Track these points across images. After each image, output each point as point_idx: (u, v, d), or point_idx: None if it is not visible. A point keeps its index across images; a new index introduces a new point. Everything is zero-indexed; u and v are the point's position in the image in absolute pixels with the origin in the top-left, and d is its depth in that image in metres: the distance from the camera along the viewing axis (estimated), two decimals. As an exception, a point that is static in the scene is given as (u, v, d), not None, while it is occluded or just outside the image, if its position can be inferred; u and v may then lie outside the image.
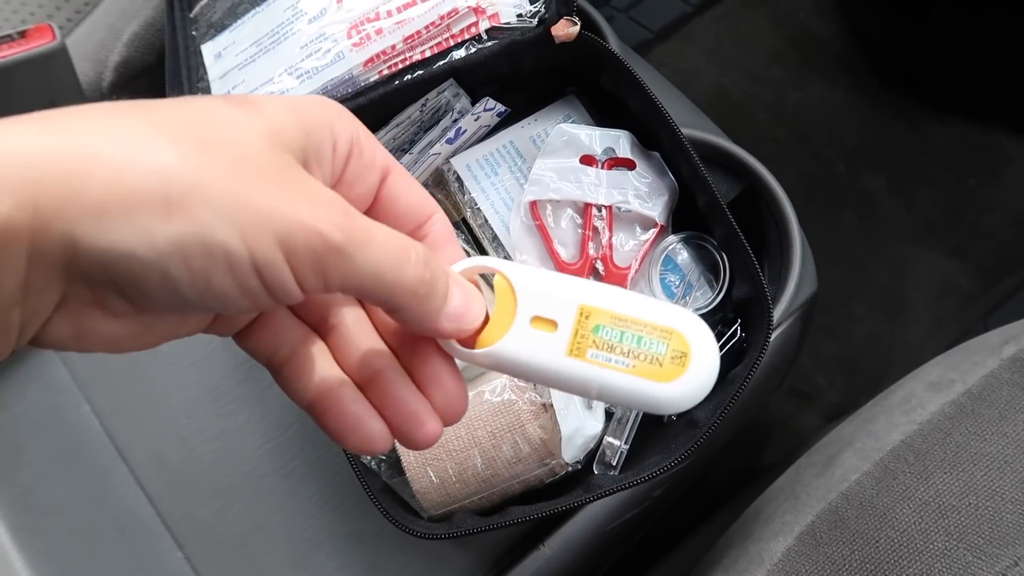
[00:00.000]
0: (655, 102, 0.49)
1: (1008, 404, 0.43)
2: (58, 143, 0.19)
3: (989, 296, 1.02)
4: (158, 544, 0.56)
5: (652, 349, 0.26)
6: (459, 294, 0.25)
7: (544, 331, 0.26)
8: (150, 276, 0.20)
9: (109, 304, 0.21)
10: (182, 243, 0.20)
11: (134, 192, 0.19)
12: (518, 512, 0.46)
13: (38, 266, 0.20)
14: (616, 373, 0.26)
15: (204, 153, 0.20)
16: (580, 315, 0.26)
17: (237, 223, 0.20)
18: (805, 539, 0.43)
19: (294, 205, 0.21)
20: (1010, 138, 1.07)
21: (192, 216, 0.20)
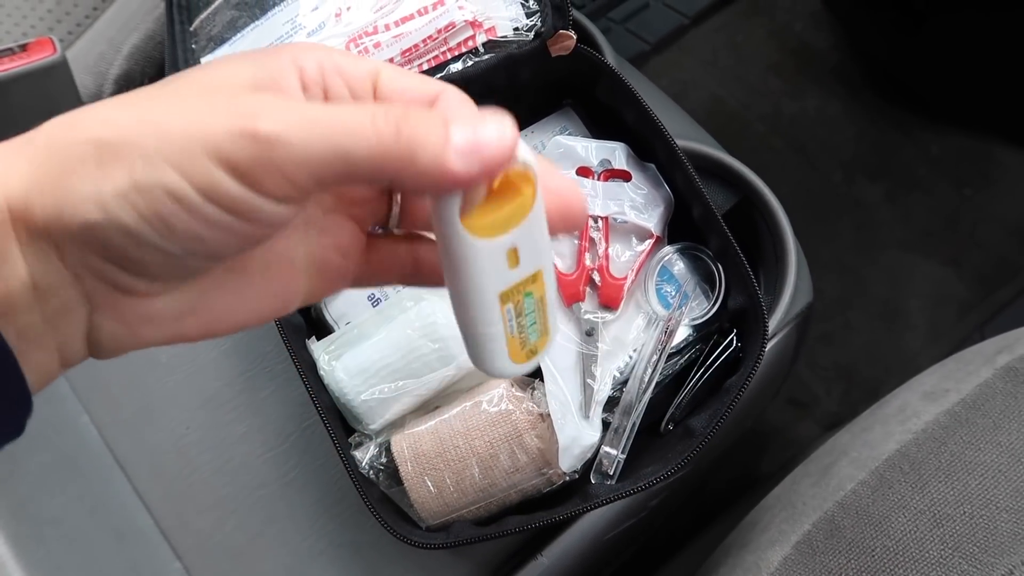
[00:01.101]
0: (650, 114, 0.50)
1: (1002, 413, 0.44)
2: (25, 142, 0.20)
3: (985, 305, 1.03)
4: (156, 554, 0.56)
5: (530, 335, 0.27)
6: (462, 129, 0.21)
7: (510, 262, 0.25)
8: (117, 237, 0.20)
9: (128, 285, 0.22)
10: (123, 193, 0.19)
11: (71, 157, 0.20)
12: (516, 522, 0.46)
13: (34, 261, 0.20)
14: (500, 334, 0.26)
15: (136, 108, 0.21)
16: (534, 275, 0.26)
17: (164, 155, 0.19)
18: (802, 548, 0.43)
19: (215, 115, 0.20)
20: (1005, 148, 1.08)
21: (123, 164, 0.20)
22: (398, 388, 0.50)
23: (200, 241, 0.21)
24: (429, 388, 0.50)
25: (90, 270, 0.21)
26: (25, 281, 0.20)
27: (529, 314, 0.27)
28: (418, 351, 0.49)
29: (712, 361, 0.51)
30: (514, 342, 0.27)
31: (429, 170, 0.20)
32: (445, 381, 0.50)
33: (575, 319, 0.51)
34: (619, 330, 0.51)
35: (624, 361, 0.51)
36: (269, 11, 0.57)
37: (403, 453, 0.48)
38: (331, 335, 0.53)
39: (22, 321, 0.21)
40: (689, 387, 0.51)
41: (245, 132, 0.19)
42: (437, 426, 0.48)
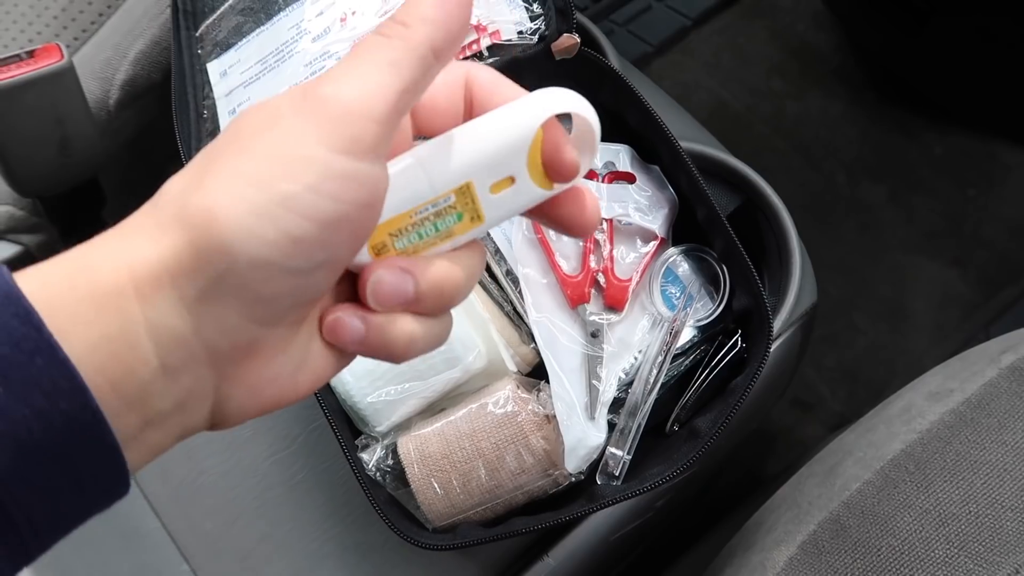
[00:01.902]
0: (654, 117, 0.50)
1: (1007, 413, 0.44)
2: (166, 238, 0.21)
3: (990, 305, 1.03)
4: (164, 556, 0.57)
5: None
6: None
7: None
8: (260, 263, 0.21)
9: (259, 344, 0.23)
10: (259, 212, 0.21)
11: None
12: (522, 523, 0.46)
13: (166, 342, 0.21)
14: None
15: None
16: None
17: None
18: (807, 548, 0.43)
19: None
20: (1008, 148, 1.08)
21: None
22: (404, 390, 0.50)
23: (325, 249, 0.22)
24: (435, 390, 0.50)
25: (225, 333, 0.22)
26: (155, 366, 0.21)
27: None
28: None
29: (717, 362, 0.51)
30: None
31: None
32: (451, 383, 0.50)
33: (580, 321, 0.51)
34: (624, 331, 0.51)
35: (629, 362, 0.51)
36: (274, 16, 0.58)
37: (410, 455, 0.48)
38: (337, 338, 0.53)
39: (151, 409, 0.21)
40: (694, 388, 0.51)
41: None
42: (443, 428, 0.49)
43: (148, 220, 0.22)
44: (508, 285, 0.53)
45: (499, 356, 0.51)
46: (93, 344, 0.20)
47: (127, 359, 0.20)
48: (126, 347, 0.20)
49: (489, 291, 0.52)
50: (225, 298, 0.21)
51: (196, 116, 0.58)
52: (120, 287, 0.21)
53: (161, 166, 0.73)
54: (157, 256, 0.21)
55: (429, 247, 0.25)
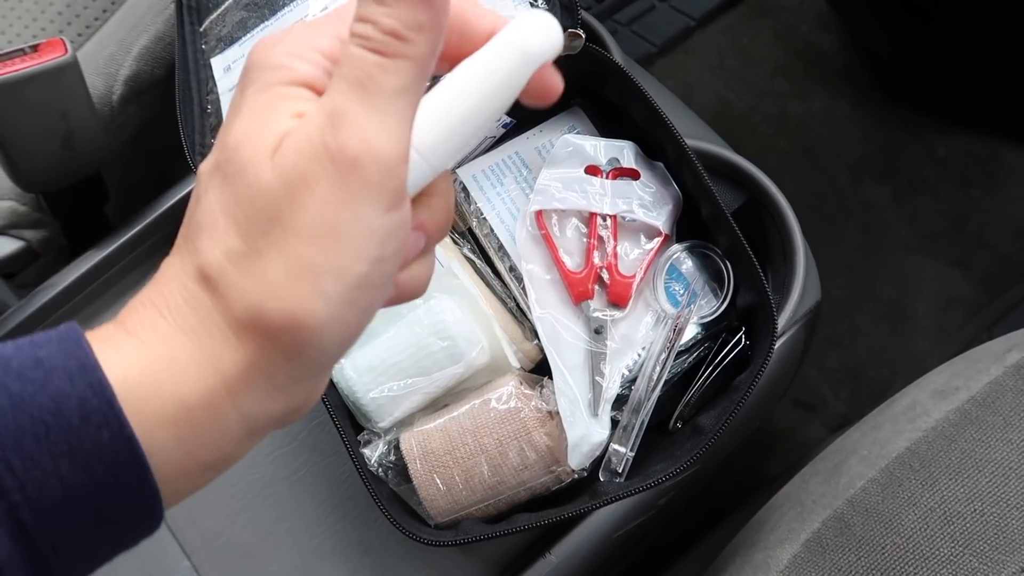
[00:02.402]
0: (659, 113, 0.50)
1: (1013, 411, 0.44)
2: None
3: (993, 307, 1.02)
4: (165, 553, 0.56)
5: None
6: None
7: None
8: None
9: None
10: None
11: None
12: (525, 519, 0.46)
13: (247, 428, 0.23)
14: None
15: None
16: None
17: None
18: (811, 546, 0.43)
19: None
20: (1012, 149, 1.08)
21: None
22: (407, 386, 0.50)
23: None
24: (438, 386, 0.50)
25: (309, 396, 0.24)
26: (238, 438, 0.23)
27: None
28: (427, 349, 0.50)
29: (721, 359, 0.51)
30: None
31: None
32: (454, 379, 0.50)
33: (584, 317, 0.51)
34: (628, 328, 0.51)
35: (633, 359, 0.51)
36: (279, 11, 0.57)
37: (412, 451, 0.48)
38: (340, 333, 0.53)
39: (224, 464, 0.24)
40: (698, 385, 0.51)
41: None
42: (446, 424, 0.48)
43: (219, 320, 0.22)
44: (511, 281, 0.53)
45: (502, 352, 0.50)
46: (181, 441, 0.22)
47: (215, 441, 0.22)
48: (217, 435, 0.22)
49: (492, 287, 0.52)
50: (311, 375, 0.23)
51: (200, 111, 0.58)
52: (211, 390, 0.21)
53: (165, 162, 0.73)
54: (246, 362, 0.21)
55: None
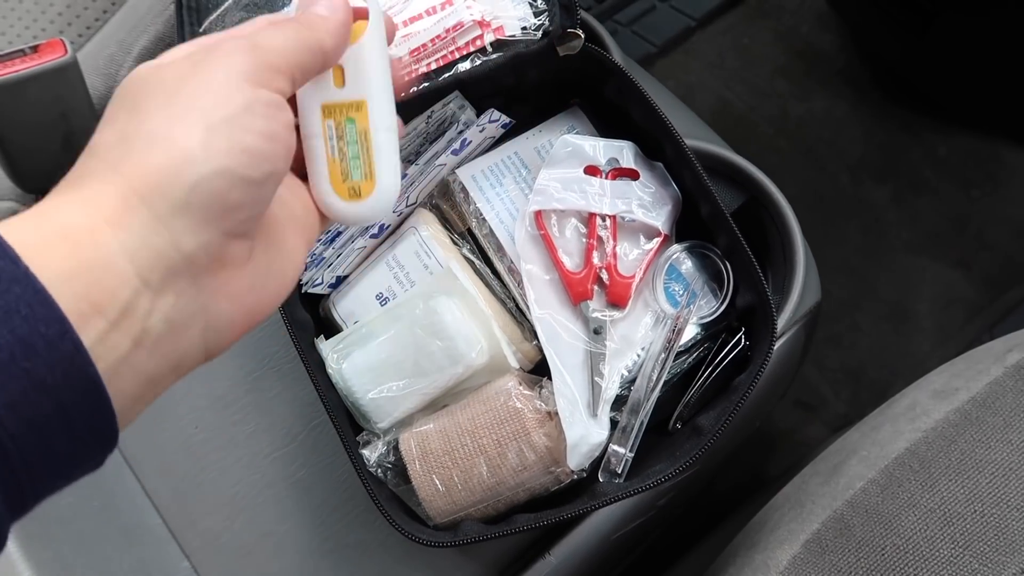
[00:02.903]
0: (658, 112, 0.50)
1: (1013, 411, 0.44)
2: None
3: (994, 307, 1.02)
4: (165, 553, 0.56)
5: (352, 169, 0.32)
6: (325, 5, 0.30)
7: (333, 80, 0.31)
8: (219, 185, 0.24)
9: (228, 253, 0.26)
10: (212, 144, 0.24)
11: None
12: (524, 520, 0.46)
13: (170, 298, 0.24)
14: (320, 148, 0.32)
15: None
16: (357, 101, 0.32)
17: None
18: (811, 547, 0.43)
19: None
20: (1012, 149, 1.07)
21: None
22: (406, 387, 0.50)
23: (267, 160, 0.26)
24: (437, 387, 0.50)
25: (202, 245, 0.24)
26: (136, 285, 0.23)
27: (351, 144, 0.32)
28: (426, 349, 0.50)
29: (720, 360, 0.50)
30: (335, 168, 0.32)
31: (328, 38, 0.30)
32: (453, 379, 0.50)
33: (583, 317, 0.51)
34: (627, 328, 0.51)
35: (632, 359, 0.51)
36: (278, 12, 0.57)
37: (411, 451, 0.48)
38: (339, 334, 0.53)
39: (139, 328, 0.23)
40: (697, 386, 0.51)
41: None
42: (445, 424, 0.48)
43: (100, 164, 0.24)
44: (511, 282, 0.53)
45: (501, 353, 0.50)
46: (70, 273, 0.21)
47: (107, 282, 0.22)
48: (104, 271, 0.22)
49: (491, 288, 0.52)
50: (196, 210, 0.24)
51: (199, 112, 0.58)
52: (91, 222, 0.22)
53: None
54: (126, 185, 0.23)
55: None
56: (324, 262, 0.53)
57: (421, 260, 0.52)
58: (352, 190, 0.32)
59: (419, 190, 0.53)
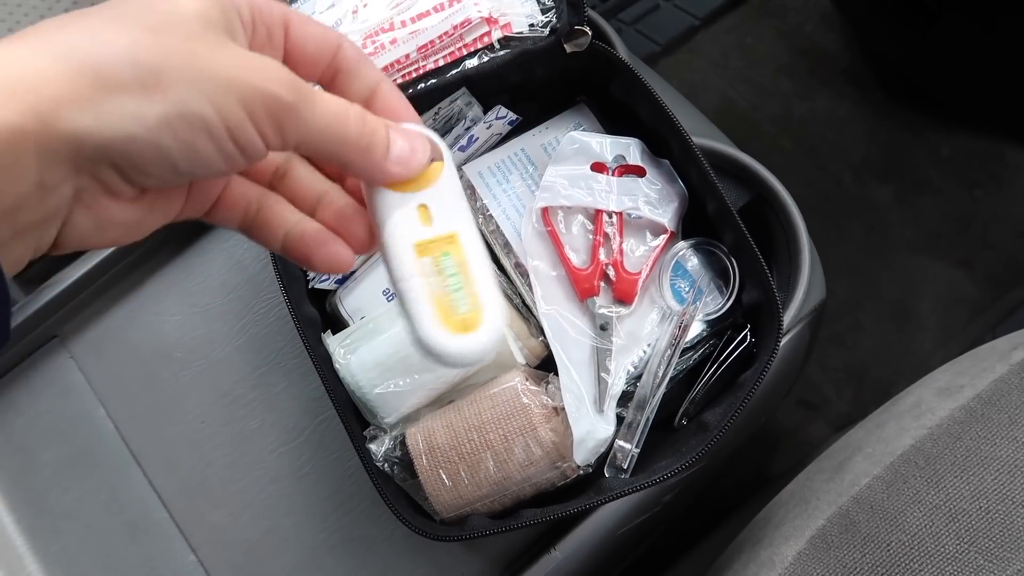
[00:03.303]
0: (665, 109, 0.50)
1: (1018, 408, 0.44)
2: (49, 57, 0.23)
3: (997, 307, 1.02)
4: (171, 547, 0.57)
5: (458, 301, 0.30)
6: (401, 141, 0.29)
7: (422, 219, 0.31)
8: (147, 152, 0.23)
9: (117, 189, 0.25)
10: (167, 118, 0.23)
11: (115, 83, 0.23)
12: (530, 515, 0.46)
13: (49, 164, 0.23)
14: (421, 287, 0.30)
15: (159, 36, 0.24)
16: (449, 235, 0.31)
17: (207, 94, 0.24)
18: (816, 543, 0.43)
19: (247, 71, 0.24)
20: (1016, 149, 1.08)
21: (168, 93, 0.23)
22: (413, 382, 0.50)
23: (207, 166, 0.25)
24: (444, 382, 0.50)
25: (94, 174, 0.24)
26: (35, 183, 0.22)
27: (452, 276, 0.31)
28: (433, 345, 0.50)
29: (726, 356, 0.51)
30: (442, 302, 0.31)
31: (375, 166, 0.28)
32: (460, 375, 0.50)
33: (589, 313, 0.51)
34: (633, 325, 0.51)
35: (638, 356, 0.51)
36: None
37: (418, 446, 0.48)
38: (346, 329, 0.53)
39: (23, 220, 0.23)
40: (703, 382, 0.51)
41: (273, 95, 0.25)
42: (452, 419, 0.49)
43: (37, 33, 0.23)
44: (517, 278, 0.53)
45: (508, 349, 0.51)
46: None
47: (12, 173, 0.22)
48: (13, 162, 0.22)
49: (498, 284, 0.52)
50: (108, 156, 0.23)
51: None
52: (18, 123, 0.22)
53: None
54: (57, 98, 0.22)
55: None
56: (331, 258, 0.54)
57: (428, 256, 0.53)
58: (463, 324, 0.31)
59: (426, 186, 0.53)
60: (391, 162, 0.28)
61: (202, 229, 0.64)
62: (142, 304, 0.62)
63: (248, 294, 0.61)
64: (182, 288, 0.62)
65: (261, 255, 0.62)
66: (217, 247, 0.63)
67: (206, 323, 0.61)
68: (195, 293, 0.62)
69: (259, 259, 0.62)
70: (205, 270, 0.62)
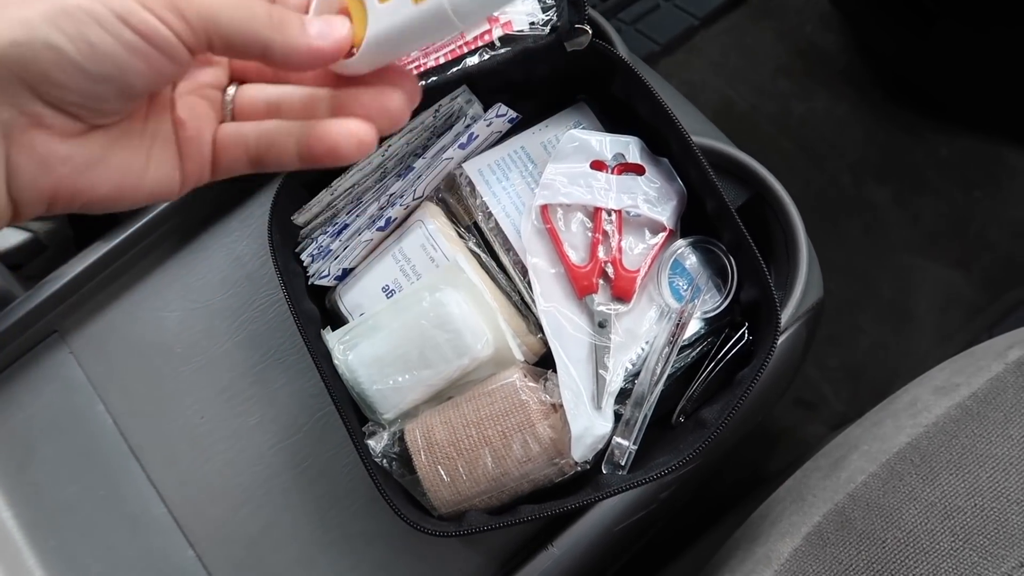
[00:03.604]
0: (665, 108, 0.50)
1: (1014, 407, 0.44)
2: None
3: (994, 308, 1.03)
4: (169, 542, 0.57)
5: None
6: (315, 19, 0.28)
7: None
8: (44, 56, 0.24)
9: (46, 120, 0.25)
10: (49, 15, 0.23)
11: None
12: (528, 511, 0.47)
13: None
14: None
15: None
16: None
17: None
18: (812, 540, 0.44)
19: None
20: (1014, 150, 1.08)
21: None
22: (412, 378, 0.50)
23: (119, 65, 0.25)
24: (443, 378, 0.50)
25: (10, 102, 0.24)
26: None
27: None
28: (432, 341, 0.50)
29: (724, 354, 0.51)
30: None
31: (299, 46, 0.27)
32: (459, 372, 0.50)
33: (588, 311, 0.51)
34: (632, 322, 0.52)
35: (636, 353, 0.51)
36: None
37: (417, 442, 0.48)
38: (346, 325, 0.53)
39: None
40: (701, 380, 0.51)
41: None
42: (450, 415, 0.49)
43: None
44: (516, 275, 0.53)
45: (506, 346, 0.51)
46: None
47: None
48: None
49: (497, 281, 0.53)
50: (10, 71, 0.23)
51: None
52: None
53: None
54: None
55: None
56: (331, 254, 0.54)
57: (427, 253, 0.53)
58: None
59: (426, 184, 0.53)
60: (314, 38, 0.27)
61: (202, 224, 0.64)
62: (142, 300, 0.62)
63: (248, 290, 0.61)
64: (182, 284, 0.62)
65: (261, 251, 0.62)
66: (217, 243, 0.63)
67: (206, 319, 0.61)
68: (195, 289, 0.62)
69: (259, 255, 0.62)
70: (205, 266, 0.63)
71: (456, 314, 0.50)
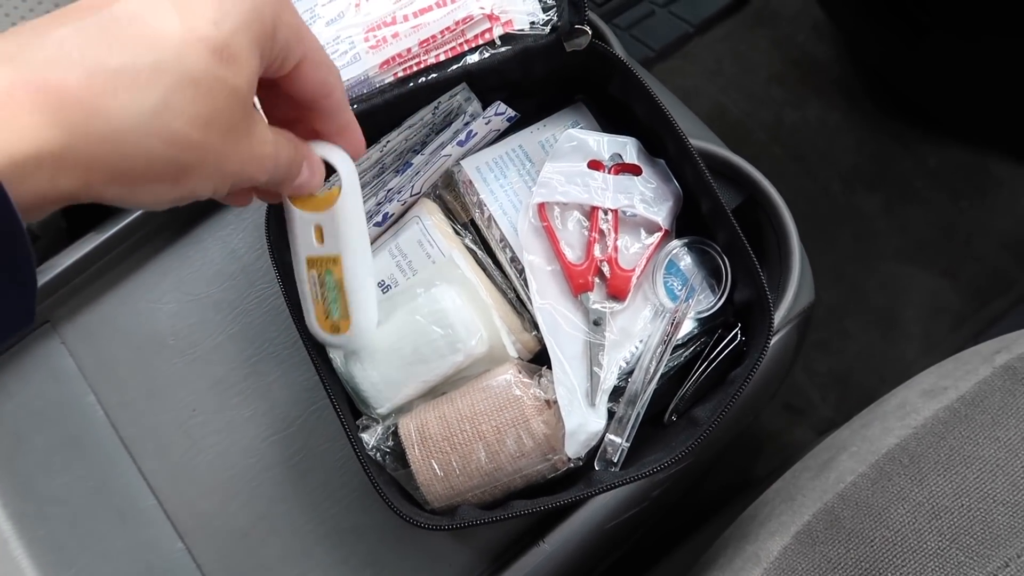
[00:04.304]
0: (662, 109, 0.51)
1: (1001, 410, 0.45)
2: (92, 120, 0.25)
3: (980, 316, 1.04)
4: (160, 534, 0.57)
5: (332, 310, 0.44)
6: (307, 172, 0.36)
7: (316, 238, 0.40)
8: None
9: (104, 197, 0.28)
10: (176, 197, 0.29)
11: (154, 175, 0.27)
12: (521, 505, 0.47)
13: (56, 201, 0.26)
14: (308, 292, 0.43)
15: (206, 133, 0.27)
16: (334, 256, 0.40)
17: (214, 181, 0.29)
18: (801, 538, 0.44)
19: (254, 163, 0.31)
20: (1000, 162, 1.09)
21: (189, 182, 0.28)
22: (406, 373, 0.50)
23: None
24: (437, 374, 0.50)
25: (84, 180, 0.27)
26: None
27: (330, 290, 0.42)
28: (427, 337, 0.50)
29: (717, 354, 0.51)
30: (319, 308, 0.44)
31: (283, 188, 0.37)
32: (453, 367, 0.50)
33: (583, 309, 0.52)
34: (626, 321, 0.52)
35: (630, 351, 0.52)
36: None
37: (410, 436, 0.48)
38: (341, 319, 0.53)
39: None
40: (693, 379, 0.51)
41: (251, 179, 0.32)
42: (445, 410, 0.49)
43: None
44: (512, 272, 0.53)
45: (501, 343, 0.51)
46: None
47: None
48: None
49: (493, 278, 0.53)
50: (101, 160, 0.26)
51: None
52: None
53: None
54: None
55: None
56: (327, 248, 0.54)
57: (424, 249, 0.53)
58: (333, 326, 0.44)
59: (424, 180, 0.54)
60: (294, 188, 0.36)
61: (197, 217, 0.64)
62: (135, 291, 0.62)
63: (243, 283, 0.61)
64: (176, 276, 0.62)
65: (257, 244, 0.62)
66: (212, 235, 0.63)
67: (200, 311, 0.61)
68: (189, 281, 0.62)
69: (254, 248, 0.62)
70: (200, 258, 0.63)
71: (451, 310, 0.50)
